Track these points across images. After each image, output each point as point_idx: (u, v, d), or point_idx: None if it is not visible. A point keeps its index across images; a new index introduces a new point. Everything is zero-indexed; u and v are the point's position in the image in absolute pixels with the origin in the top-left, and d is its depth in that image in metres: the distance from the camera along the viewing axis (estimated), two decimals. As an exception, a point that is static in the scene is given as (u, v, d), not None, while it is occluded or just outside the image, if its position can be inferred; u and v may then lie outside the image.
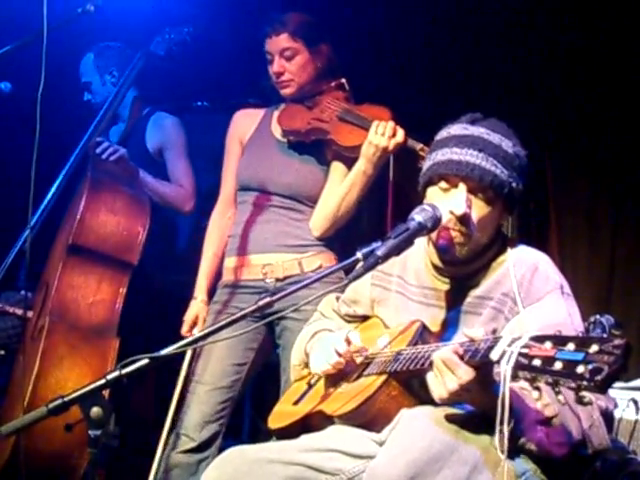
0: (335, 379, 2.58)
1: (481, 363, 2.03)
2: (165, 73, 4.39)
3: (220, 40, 4.56)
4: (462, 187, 2.41)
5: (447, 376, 2.06)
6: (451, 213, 2.39)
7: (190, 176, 4.43)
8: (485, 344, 2.03)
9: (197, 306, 3.70)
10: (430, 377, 2.14)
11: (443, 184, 2.44)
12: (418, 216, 2.35)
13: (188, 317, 3.70)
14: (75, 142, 4.40)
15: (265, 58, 3.62)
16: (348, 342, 2.54)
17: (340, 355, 2.51)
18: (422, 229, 2.34)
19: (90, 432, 2.06)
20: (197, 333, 2.29)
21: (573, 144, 4.47)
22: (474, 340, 2.07)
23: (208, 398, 3.50)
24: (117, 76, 4.41)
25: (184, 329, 3.68)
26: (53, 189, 4.20)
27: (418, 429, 2.18)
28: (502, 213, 2.49)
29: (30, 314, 3.96)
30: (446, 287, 2.54)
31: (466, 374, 2.04)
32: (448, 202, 2.41)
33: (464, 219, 2.39)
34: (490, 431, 2.10)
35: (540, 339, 1.89)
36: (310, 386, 2.70)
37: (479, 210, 2.41)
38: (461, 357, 2.06)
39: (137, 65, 4.29)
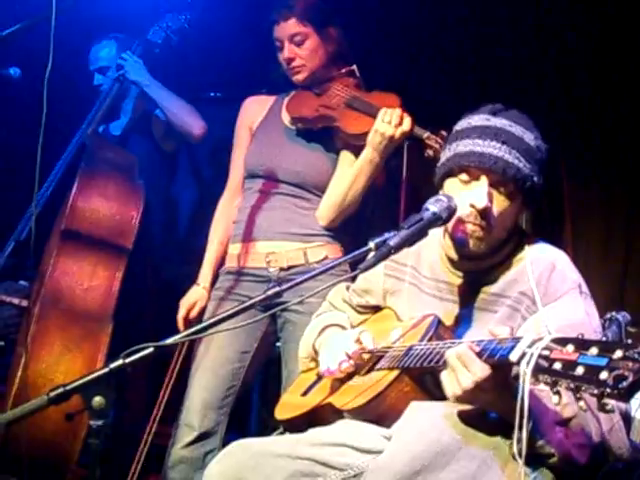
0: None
1: (499, 363, 1.97)
2: (166, 60, 4.36)
3: (234, 31, 4.53)
4: (484, 180, 2.34)
5: (461, 372, 2.00)
6: (472, 207, 2.33)
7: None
8: (505, 344, 1.97)
9: (198, 292, 3.64)
10: (443, 375, 2.07)
11: (464, 176, 2.38)
12: (433, 206, 2.29)
13: (186, 301, 3.63)
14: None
15: (274, 45, 3.56)
16: (358, 342, 2.49)
17: (350, 357, 2.46)
18: (437, 220, 2.29)
19: (92, 422, 2.01)
20: (203, 321, 2.22)
21: (588, 144, 4.44)
22: (496, 338, 2.00)
23: (209, 384, 3.43)
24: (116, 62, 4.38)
25: (181, 313, 3.62)
26: (50, 178, 4.25)
27: (426, 422, 2.14)
28: (521, 207, 2.43)
29: (26, 303, 3.93)
30: (461, 281, 2.48)
31: (482, 370, 1.97)
32: (469, 195, 2.35)
33: (485, 213, 2.33)
34: (503, 431, 2.07)
35: (562, 341, 1.83)
36: (319, 377, 2.64)
37: (500, 204, 2.35)
38: (478, 355, 1.99)
39: (135, 53, 4.30)
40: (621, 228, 4.42)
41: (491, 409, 2.11)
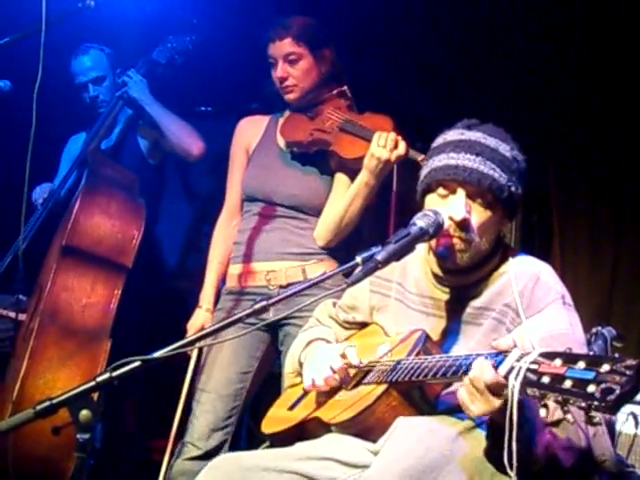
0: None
1: None
2: (168, 79, 4.38)
3: (224, 46, 4.55)
4: (461, 192, 2.36)
5: (489, 396, 1.95)
6: (450, 219, 2.34)
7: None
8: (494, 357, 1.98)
9: (202, 315, 3.67)
10: (464, 395, 2.01)
11: (441, 190, 2.40)
12: (420, 221, 2.30)
13: (193, 325, 3.67)
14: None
15: (269, 63, 3.58)
16: (343, 357, 2.50)
17: (334, 372, 2.46)
18: (424, 235, 2.29)
19: (78, 436, 2.00)
20: (186, 338, 2.23)
21: (576, 158, 4.47)
22: (501, 351, 1.99)
23: (214, 406, 3.48)
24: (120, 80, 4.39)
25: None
26: (51, 194, 4.30)
27: (413, 438, 2.14)
28: (502, 219, 2.44)
29: (23, 317, 3.94)
30: (446, 297, 2.49)
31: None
32: (447, 208, 2.36)
33: (464, 224, 2.34)
34: (490, 446, 2.07)
35: (550, 356, 1.84)
36: (306, 391, 2.64)
37: (479, 215, 2.37)
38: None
39: (139, 72, 4.32)
40: (609, 242, 4.44)
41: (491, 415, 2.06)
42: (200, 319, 3.67)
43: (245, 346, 3.47)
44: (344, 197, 3.44)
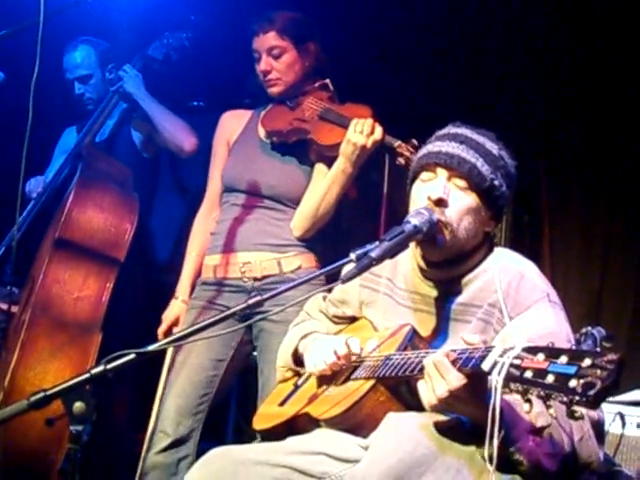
0: (322, 381, 2.55)
1: (472, 372, 1.98)
2: (163, 75, 4.39)
3: (218, 41, 4.57)
4: (441, 175, 2.41)
5: (437, 381, 2.01)
6: (428, 199, 2.38)
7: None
8: (477, 353, 1.99)
9: (178, 306, 3.68)
10: (420, 384, 2.11)
11: (424, 175, 2.45)
12: (414, 219, 2.32)
13: (168, 316, 3.68)
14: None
15: (253, 57, 3.61)
16: (347, 346, 2.51)
17: (339, 357, 2.48)
18: (417, 232, 2.30)
19: (72, 428, 2.01)
20: (181, 331, 2.25)
21: (568, 156, 4.48)
22: (470, 346, 2.03)
23: (183, 391, 3.47)
24: (114, 76, 4.39)
25: (162, 328, 3.67)
26: (45, 187, 4.32)
27: (402, 433, 2.15)
28: (485, 213, 2.44)
29: (15, 309, 3.96)
30: (432, 292, 2.50)
31: (456, 380, 1.99)
32: (426, 189, 2.41)
33: (440, 204, 2.37)
34: (477, 440, 2.07)
35: (533, 350, 1.85)
36: (296, 387, 2.67)
37: (457, 200, 2.39)
38: (453, 363, 2.01)
39: (135, 67, 4.35)
40: (600, 242, 4.44)
41: (466, 416, 2.12)
42: (175, 310, 3.68)
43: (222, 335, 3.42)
44: (320, 185, 3.45)
